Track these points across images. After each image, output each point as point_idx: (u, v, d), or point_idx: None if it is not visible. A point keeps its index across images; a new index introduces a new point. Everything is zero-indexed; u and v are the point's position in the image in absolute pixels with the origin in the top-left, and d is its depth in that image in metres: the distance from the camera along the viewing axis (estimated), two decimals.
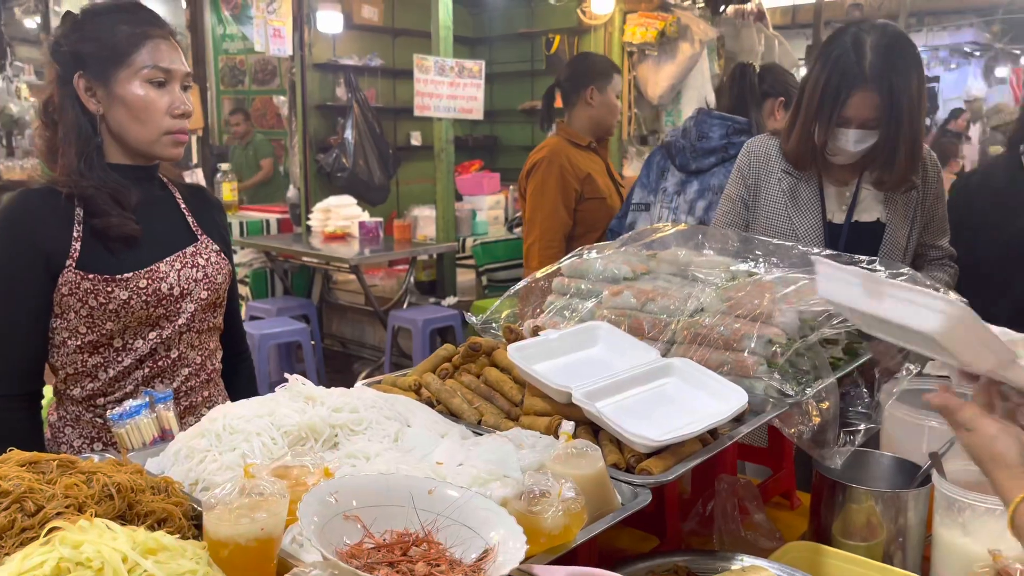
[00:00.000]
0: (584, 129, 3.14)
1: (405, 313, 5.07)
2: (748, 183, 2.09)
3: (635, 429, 1.13)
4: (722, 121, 2.76)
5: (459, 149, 6.84)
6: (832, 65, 1.85)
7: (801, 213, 2.01)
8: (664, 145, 2.91)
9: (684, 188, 2.82)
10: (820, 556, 1.39)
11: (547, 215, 3.02)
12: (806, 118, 1.91)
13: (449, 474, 1.01)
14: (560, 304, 1.74)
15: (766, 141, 2.11)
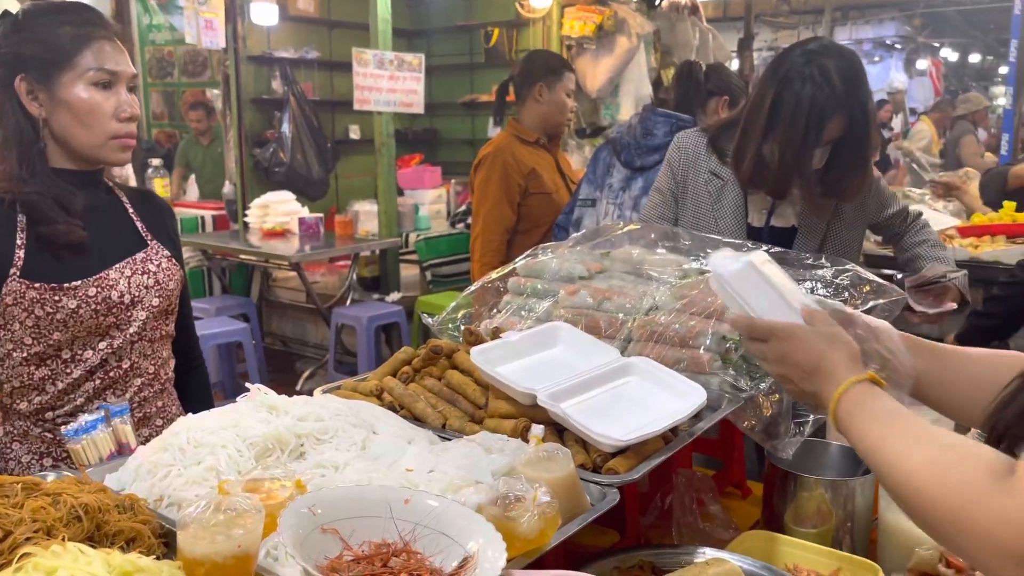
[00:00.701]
0: (533, 126, 3.16)
1: (348, 310, 5.02)
2: (677, 178, 2.15)
3: (600, 429, 1.15)
4: (667, 119, 2.81)
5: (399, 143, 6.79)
6: (808, 96, 1.86)
7: (725, 215, 2.08)
8: (610, 141, 2.95)
9: (629, 185, 2.86)
10: (774, 544, 1.44)
11: (489, 210, 3.06)
12: (785, 148, 1.91)
13: (421, 481, 1.01)
14: (517, 304, 1.75)
15: (695, 137, 2.16)
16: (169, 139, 7.59)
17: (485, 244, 3.06)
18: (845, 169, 1.94)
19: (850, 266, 1.57)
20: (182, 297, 1.70)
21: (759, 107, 1.96)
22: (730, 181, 2.09)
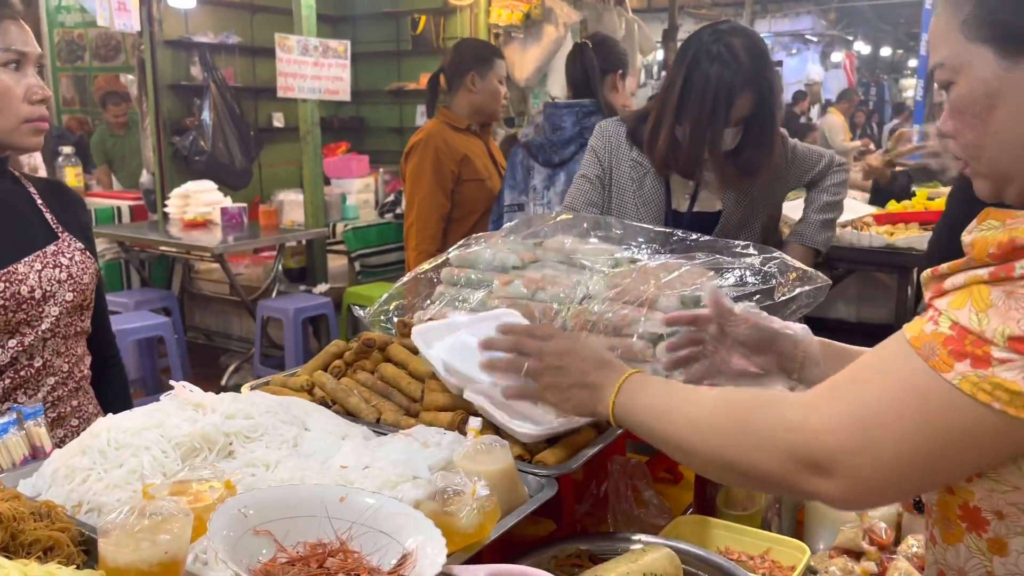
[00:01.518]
0: (465, 114, 3.14)
1: (274, 302, 4.90)
2: (604, 164, 2.16)
3: (521, 421, 1.15)
4: (570, 108, 2.82)
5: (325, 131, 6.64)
6: (716, 74, 1.91)
7: (647, 202, 2.11)
8: (523, 145, 2.95)
9: (552, 181, 2.87)
10: (706, 528, 1.47)
11: (423, 197, 3.03)
12: (695, 127, 1.96)
13: (356, 478, 0.99)
14: (450, 294, 1.73)
15: (616, 126, 2.18)
16: (81, 126, 7.26)
17: (421, 232, 3.04)
18: (754, 147, 1.99)
19: (777, 254, 1.61)
20: (97, 292, 1.63)
21: (670, 88, 2.01)
22: (652, 168, 2.12)
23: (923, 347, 0.77)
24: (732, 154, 2.01)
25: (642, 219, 2.08)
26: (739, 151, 2.00)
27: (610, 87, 2.95)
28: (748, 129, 1.97)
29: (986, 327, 0.74)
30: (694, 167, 2.03)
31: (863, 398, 0.79)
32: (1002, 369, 0.72)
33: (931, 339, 0.77)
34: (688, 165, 2.03)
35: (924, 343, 0.77)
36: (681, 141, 1.99)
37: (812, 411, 0.82)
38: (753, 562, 1.41)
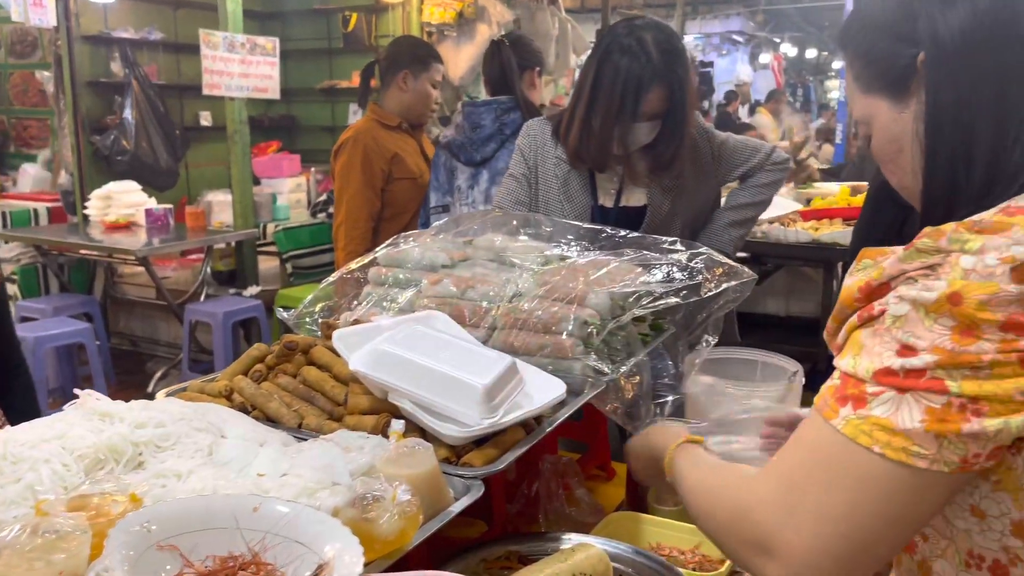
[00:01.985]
0: (395, 111, 3.10)
1: (203, 306, 4.77)
2: (530, 163, 2.16)
3: (446, 422, 1.12)
4: (488, 106, 2.81)
5: (255, 130, 6.50)
6: (624, 67, 1.93)
7: (573, 199, 2.11)
8: (443, 146, 2.93)
9: (476, 180, 2.86)
10: (639, 524, 1.46)
11: (352, 196, 2.98)
12: (605, 120, 1.97)
13: (273, 487, 0.95)
14: (378, 294, 1.70)
15: (542, 125, 2.18)
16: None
17: (349, 232, 2.99)
18: (666, 143, 2.00)
19: (703, 249, 1.62)
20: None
21: (584, 81, 2.02)
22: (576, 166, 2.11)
23: (821, 402, 0.77)
24: (648, 149, 2.02)
25: (568, 216, 2.08)
26: (653, 146, 2.01)
27: (528, 84, 2.96)
28: (663, 124, 1.98)
29: (859, 368, 0.73)
30: (605, 160, 2.04)
31: (782, 468, 0.79)
32: (875, 403, 0.71)
33: (825, 393, 0.77)
34: (599, 158, 2.03)
35: (821, 399, 0.77)
36: (593, 133, 1.99)
37: (750, 491, 0.81)
38: (684, 556, 1.42)
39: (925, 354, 0.69)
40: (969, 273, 0.69)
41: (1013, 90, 0.78)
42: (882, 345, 0.72)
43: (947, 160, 0.81)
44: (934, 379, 0.68)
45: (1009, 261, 0.67)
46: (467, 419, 1.12)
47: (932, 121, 0.82)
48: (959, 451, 0.69)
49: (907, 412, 0.69)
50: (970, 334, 0.68)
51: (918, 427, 0.69)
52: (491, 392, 1.13)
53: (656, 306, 1.51)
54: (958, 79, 0.80)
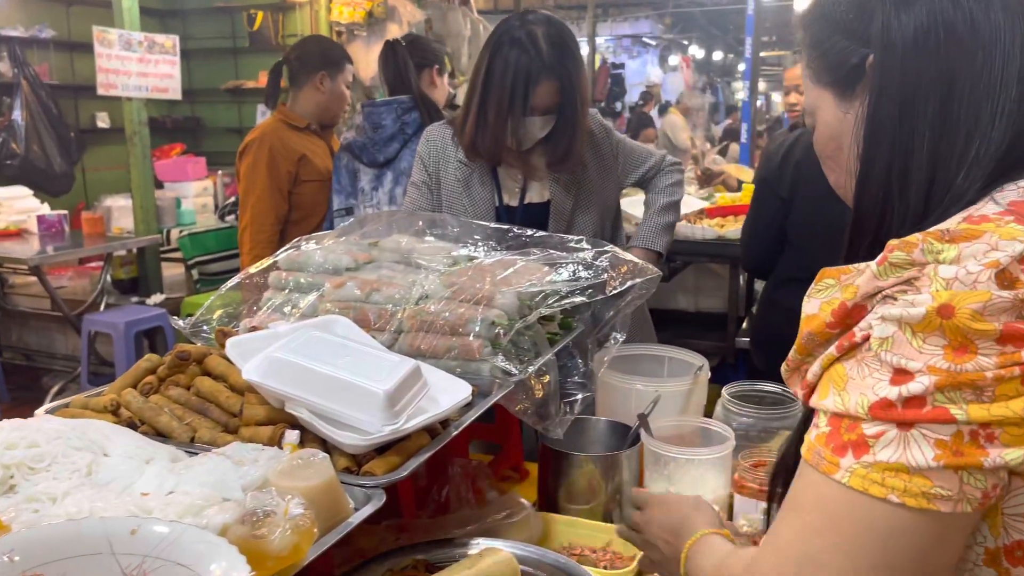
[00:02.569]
0: (307, 113, 3.07)
1: (103, 316, 4.55)
2: (429, 170, 2.15)
3: (346, 431, 1.09)
4: (388, 106, 2.79)
5: (157, 132, 6.26)
6: (514, 60, 1.93)
7: (476, 200, 2.10)
8: (344, 148, 2.89)
9: (380, 181, 2.82)
10: (550, 525, 1.46)
11: (258, 198, 2.93)
12: (496, 118, 1.97)
13: (157, 507, 0.89)
14: (279, 300, 1.64)
15: (443, 130, 2.17)
16: None
17: (255, 236, 2.93)
18: (558, 137, 2.01)
19: (609, 248, 1.62)
20: None
21: (477, 75, 2.02)
22: (479, 167, 2.10)
23: (813, 456, 0.68)
24: (544, 143, 2.03)
25: (474, 216, 2.06)
26: (548, 140, 2.01)
27: (428, 83, 2.94)
28: (557, 119, 1.99)
29: (850, 405, 0.65)
30: (498, 153, 2.03)
31: (787, 539, 0.69)
32: (879, 446, 0.63)
33: (815, 444, 0.68)
34: (493, 151, 2.03)
35: (813, 451, 0.68)
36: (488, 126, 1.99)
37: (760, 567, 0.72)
38: (596, 555, 1.42)
39: (922, 375, 0.62)
40: (952, 283, 0.63)
41: (955, 106, 0.74)
42: (872, 375, 0.64)
43: (883, 172, 0.76)
44: (937, 407, 0.61)
45: (993, 266, 0.62)
46: (368, 426, 1.08)
47: (871, 129, 0.78)
48: (981, 485, 0.62)
49: (917, 450, 0.61)
50: (965, 350, 0.61)
51: (933, 465, 0.61)
52: (393, 397, 1.09)
53: (562, 305, 1.50)
54: (904, 87, 0.76)
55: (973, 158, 0.72)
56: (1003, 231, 0.64)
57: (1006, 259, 0.62)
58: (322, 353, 1.14)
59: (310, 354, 1.14)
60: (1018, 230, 0.64)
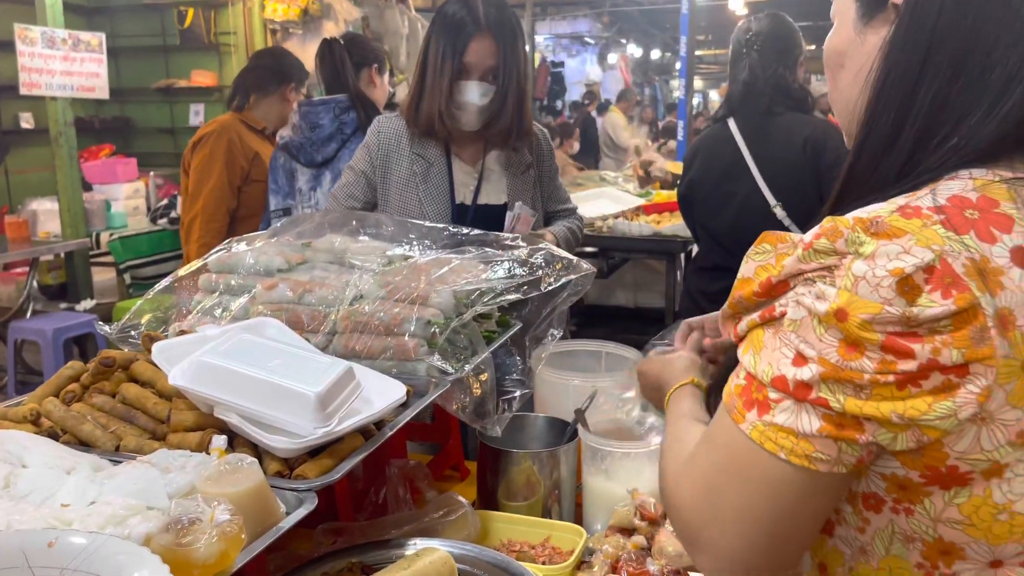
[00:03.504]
0: (268, 119, 3.15)
1: (29, 323, 4.39)
2: (376, 162, 2.12)
3: (276, 435, 1.07)
4: (326, 105, 2.77)
5: (85, 132, 6.07)
6: (449, 22, 1.96)
7: (431, 196, 2.09)
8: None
9: (318, 181, 2.79)
10: (489, 522, 1.46)
11: (212, 188, 2.98)
12: (433, 78, 1.98)
13: (77, 517, 0.87)
14: (209, 303, 1.60)
15: (396, 122, 2.14)
16: None
17: (206, 224, 2.98)
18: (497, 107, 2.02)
19: (544, 245, 1.63)
20: None
21: (423, 48, 2.04)
22: (435, 162, 2.09)
23: (729, 402, 0.76)
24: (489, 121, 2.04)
25: (427, 214, 2.05)
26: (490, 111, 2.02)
27: (367, 82, 2.93)
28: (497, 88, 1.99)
29: (760, 370, 0.73)
30: (432, 114, 2.02)
31: (700, 469, 0.79)
32: (778, 411, 0.71)
33: (733, 392, 0.76)
34: (427, 115, 2.02)
35: (730, 398, 0.76)
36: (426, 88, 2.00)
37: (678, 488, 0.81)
38: (535, 551, 1.42)
39: (813, 364, 0.69)
40: (859, 281, 0.67)
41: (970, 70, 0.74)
42: (780, 349, 0.72)
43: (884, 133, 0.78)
44: (820, 396, 0.69)
45: (897, 273, 0.66)
46: (299, 429, 1.07)
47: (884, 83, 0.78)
48: (856, 453, 0.70)
49: (807, 420, 0.70)
50: (855, 348, 0.67)
51: (817, 434, 0.70)
52: (324, 400, 1.08)
53: (498, 302, 1.51)
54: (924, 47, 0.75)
55: (967, 131, 0.74)
56: (923, 234, 0.67)
57: (911, 268, 0.66)
58: (251, 356, 1.13)
59: (239, 357, 1.12)
60: (938, 236, 0.67)
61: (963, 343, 0.65)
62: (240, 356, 1.12)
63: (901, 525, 0.75)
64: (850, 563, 0.79)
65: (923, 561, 0.75)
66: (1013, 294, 0.67)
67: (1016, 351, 0.67)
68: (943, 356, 0.65)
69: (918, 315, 0.65)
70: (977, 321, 0.66)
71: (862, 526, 0.77)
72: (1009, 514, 0.71)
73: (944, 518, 0.72)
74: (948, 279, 0.66)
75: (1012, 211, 0.70)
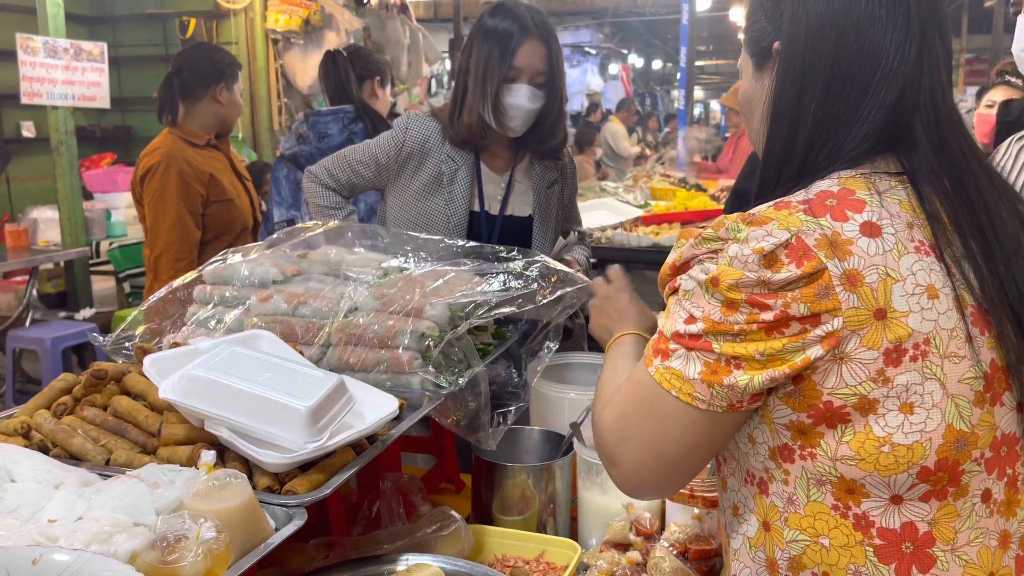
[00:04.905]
0: (205, 126, 2.91)
1: (29, 332, 4.39)
2: (401, 157, 2.06)
3: (267, 449, 1.06)
4: (334, 115, 2.76)
5: (86, 141, 6.08)
6: (494, 29, 1.94)
7: (455, 200, 2.06)
8: (287, 158, 2.83)
9: None
10: (484, 537, 1.45)
11: (171, 225, 2.73)
12: (477, 83, 1.95)
13: (63, 534, 0.86)
14: (204, 315, 1.60)
15: (427, 122, 2.09)
16: None
17: (174, 263, 2.73)
18: (547, 115, 2.01)
19: (539, 257, 1.62)
20: None
21: (464, 60, 2.01)
22: (463, 166, 2.06)
23: (647, 350, 0.96)
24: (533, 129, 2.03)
25: (451, 219, 2.04)
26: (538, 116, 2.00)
27: (369, 94, 2.92)
28: (549, 95, 1.98)
29: (665, 327, 0.93)
30: (473, 124, 1.99)
31: (619, 401, 0.98)
32: (674, 358, 0.90)
33: (649, 343, 0.96)
34: (468, 121, 1.99)
35: (648, 348, 0.96)
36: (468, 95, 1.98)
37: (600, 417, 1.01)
38: (529, 566, 1.41)
39: (700, 322, 0.88)
40: (733, 260, 0.86)
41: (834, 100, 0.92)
42: (678, 312, 0.91)
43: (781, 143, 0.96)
44: (706, 342, 0.88)
45: (758, 252, 0.84)
46: (290, 444, 1.06)
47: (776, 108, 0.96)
48: (725, 399, 0.88)
49: (692, 366, 0.89)
50: (732, 308, 0.86)
51: (697, 378, 0.89)
52: (316, 414, 1.08)
53: (493, 315, 1.50)
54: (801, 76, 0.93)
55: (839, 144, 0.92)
56: (786, 220, 0.86)
57: (770, 246, 0.84)
58: (242, 369, 1.12)
59: (230, 371, 1.11)
60: (798, 220, 0.86)
61: (809, 298, 0.83)
62: (231, 369, 1.12)
63: (810, 470, 0.91)
64: (784, 515, 0.94)
65: (836, 503, 0.90)
66: (860, 258, 0.84)
67: (865, 303, 0.84)
68: (792, 308, 0.84)
69: (771, 278, 0.84)
70: (822, 281, 0.83)
71: (785, 478, 0.93)
72: (891, 445, 0.86)
73: (840, 456, 0.88)
74: (801, 252, 0.84)
75: (866, 196, 0.89)
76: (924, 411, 0.86)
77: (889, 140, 0.92)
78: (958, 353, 0.87)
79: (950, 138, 0.93)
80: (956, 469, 0.88)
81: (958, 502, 0.89)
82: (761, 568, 0.97)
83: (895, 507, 0.89)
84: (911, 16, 0.90)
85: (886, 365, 0.85)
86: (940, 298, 0.86)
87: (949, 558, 0.89)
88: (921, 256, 0.87)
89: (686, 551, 1.38)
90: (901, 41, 0.90)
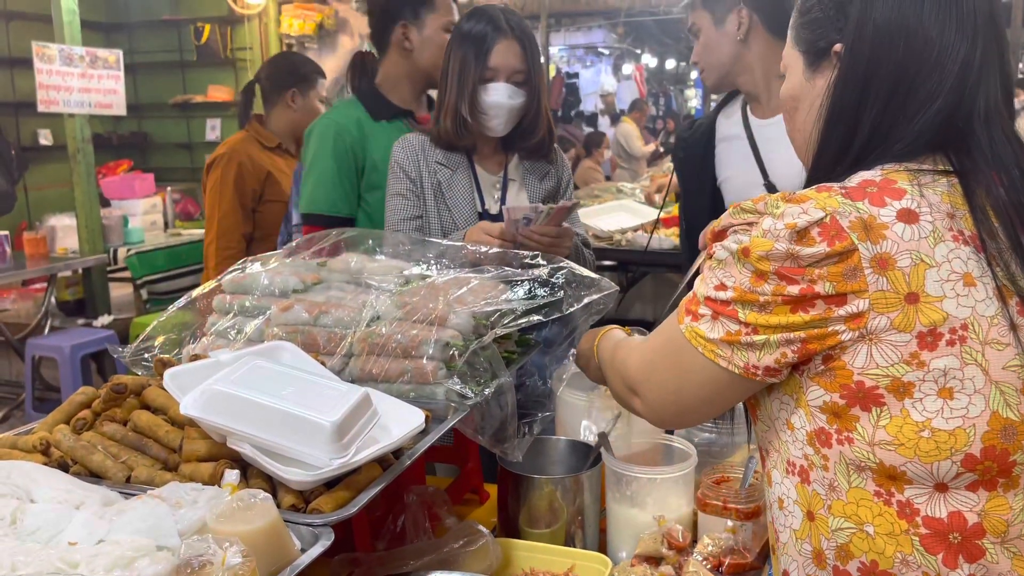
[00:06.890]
0: (280, 131, 3.04)
1: (47, 340, 4.40)
2: (412, 175, 2.07)
3: (291, 467, 1.03)
4: None
5: (102, 148, 6.11)
6: (469, 33, 1.95)
7: (458, 203, 2.05)
8: None
9: None
10: (511, 550, 1.41)
11: (225, 214, 2.89)
12: (454, 86, 1.96)
13: (84, 558, 0.83)
14: (223, 325, 1.57)
15: (416, 137, 2.11)
16: None
17: (222, 251, 2.88)
18: (527, 114, 2.00)
19: (565, 264, 1.59)
20: None
21: (444, 66, 2.02)
22: (459, 170, 2.05)
23: (681, 306, 1.01)
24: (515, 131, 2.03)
25: (456, 223, 2.02)
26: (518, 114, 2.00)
27: None
28: (528, 92, 1.98)
29: (699, 290, 0.98)
30: (456, 126, 2.00)
31: (650, 347, 1.08)
32: (702, 320, 0.96)
33: (683, 301, 1.02)
34: (450, 124, 2.00)
35: (681, 305, 1.02)
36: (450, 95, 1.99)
37: (628, 358, 1.13)
38: None
39: (731, 290, 0.93)
40: (766, 232, 0.90)
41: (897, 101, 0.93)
42: (711, 279, 0.96)
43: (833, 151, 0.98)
44: (733, 310, 0.93)
45: (792, 227, 0.88)
46: (315, 460, 1.03)
47: (832, 109, 0.97)
48: (743, 358, 0.94)
49: (717, 328, 0.95)
50: (761, 279, 0.90)
51: (720, 338, 0.95)
52: (341, 429, 1.04)
53: (518, 324, 1.46)
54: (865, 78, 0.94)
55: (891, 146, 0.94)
56: (824, 201, 0.88)
57: (804, 223, 0.87)
58: (265, 384, 1.09)
59: (252, 385, 1.08)
60: (836, 201, 0.88)
61: (835, 277, 0.86)
62: (253, 384, 1.09)
63: (848, 455, 0.92)
64: (828, 502, 0.95)
65: (879, 489, 0.91)
66: (894, 243, 0.86)
67: (895, 286, 0.86)
68: (818, 286, 0.87)
69: (800, 252, 0.87)
70: (851, 261, 0.86)
71: (824, 463, 0.95)
72: (931, 431, 0.87)
73: (877, 440, 0.89)
74: (833, 232, 0.86)
75: (907, 186, 0.90)
76: (965, 396, 0.86)
77: (940, 142, 0.93)
78: (1001, 340, 0.86)
79: (1000, 138, 0.93)
80: (1006, 459, 0.87)
81: (1008, 494, 0.89)
82: (807, 561, 0.98)
83: (940, 495, 0.89)
84: (977, 25, 0.91)
85: (920, 348, 0.86)
86: (977, 286, 0.87)
87: (998, 550, 0.88)
88: (959, 245, 0.88)
89: (720, 565, 1.34)
90: (968, 52, 0.90)
